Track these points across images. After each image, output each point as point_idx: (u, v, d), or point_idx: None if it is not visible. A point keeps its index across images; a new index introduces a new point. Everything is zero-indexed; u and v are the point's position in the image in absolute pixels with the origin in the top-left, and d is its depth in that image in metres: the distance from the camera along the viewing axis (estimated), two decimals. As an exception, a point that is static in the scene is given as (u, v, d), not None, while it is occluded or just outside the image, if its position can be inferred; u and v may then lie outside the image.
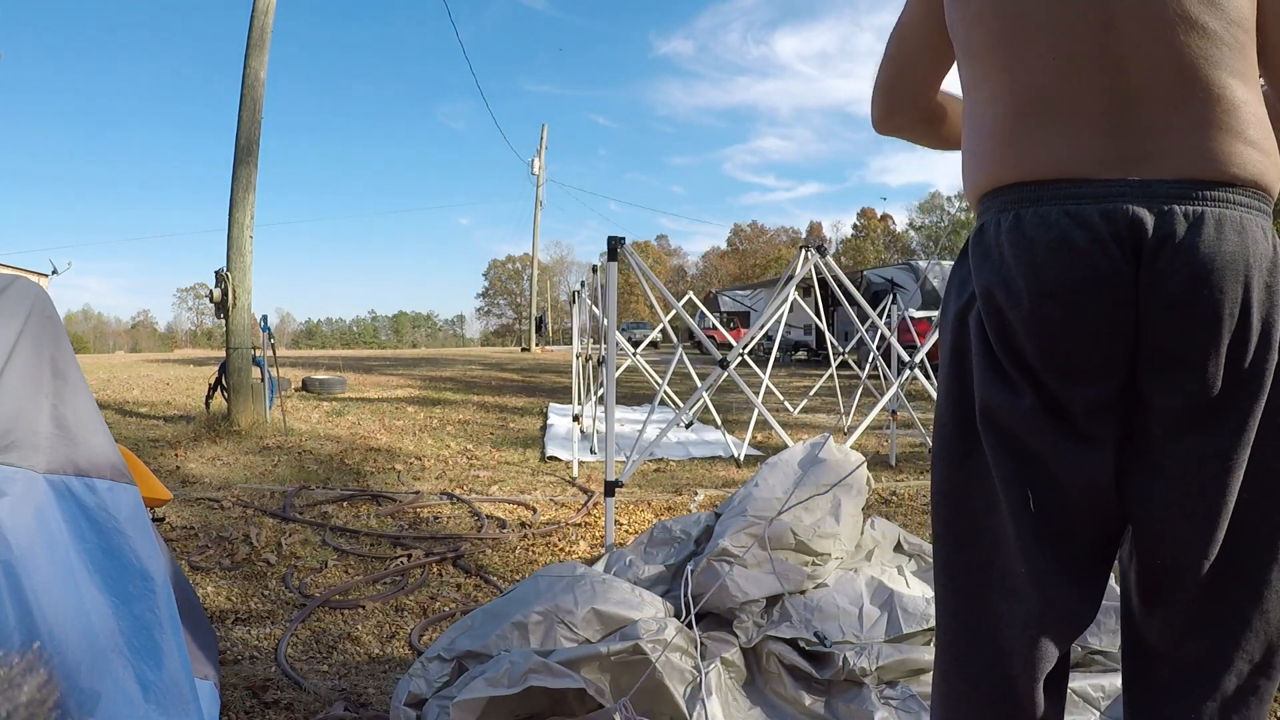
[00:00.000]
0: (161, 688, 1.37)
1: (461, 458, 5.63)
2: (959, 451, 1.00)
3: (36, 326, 1.38)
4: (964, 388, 1.00)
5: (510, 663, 1.62)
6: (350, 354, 29.28)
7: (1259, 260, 0.87)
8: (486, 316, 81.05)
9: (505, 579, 3.00)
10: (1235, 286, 0.86)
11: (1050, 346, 0.91)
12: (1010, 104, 0.96)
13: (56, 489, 1.35)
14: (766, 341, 11.77)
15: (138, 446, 5.57)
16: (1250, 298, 0.86)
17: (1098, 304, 0.89)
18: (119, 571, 1.39)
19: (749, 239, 72.64)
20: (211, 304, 6.72)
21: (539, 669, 1.61)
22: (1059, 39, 0.93)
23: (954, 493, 1.02)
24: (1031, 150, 0.94)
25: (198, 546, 3.29)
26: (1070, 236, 0.89)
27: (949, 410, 1.02)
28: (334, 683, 2.08)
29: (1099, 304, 0.89)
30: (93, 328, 72.11)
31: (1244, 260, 0.86)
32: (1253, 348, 0.87)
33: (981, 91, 1.01)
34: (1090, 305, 0.89)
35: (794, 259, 5.28)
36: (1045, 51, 0.94)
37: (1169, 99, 0.90)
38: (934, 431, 1.05)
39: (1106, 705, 1.77)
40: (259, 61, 6.87)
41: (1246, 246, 0.87)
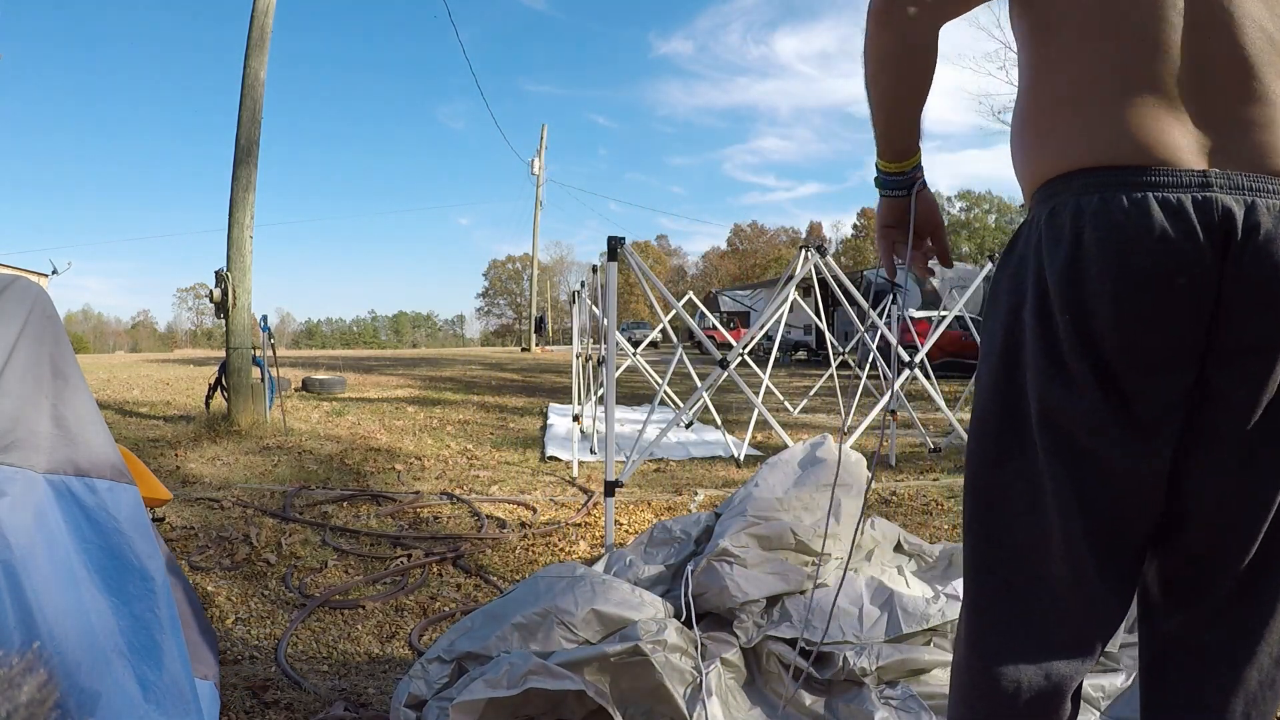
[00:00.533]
0: (161, 688, 1.37)
1: (461, 458, 5.63)
2: (1003, 451, 0.99)
3: (36, 326, 1.38)
4: (1015, 388, 0.97)
5: (510, 664, 1.62)
6: (350, 354, 29.28)
7: None
8: (486, 316, 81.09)
9: (505, 579, 3.00)
10: None
11: (1136, 339, 0.90)
12: (1099, 86, 0.94)
13: (56, 489, 1.35)
14: (766, 341, 11.77)
15: (138, 446, 5.57)
16: None
17: (1187, 295, 0.88)
18: (119, 571, 1.39)
19: (749, 239, 72.64)
20: (211, 304, 6.71)
21: (538, 670, 1.61)
22: (1152, 25, 0.92)
23: (993, 491, 1.00)
24: (1120, 134, 0.92)
25: (198, 546, 3.29)
26: (1163, 224, 0.88)
27: (994, 409, 1.00)
28: (334, 683, 2.08)
29: (1188, 294, 0.88)
30: (93, 328, 72.09)
31: None
32: None
33: (1063, 71, 0.97)
34: (1180, 296, 0.88)
35: (794, 259, 5.28)
36: (1138, 36, 0.92)
37: (1244, 94, 0.92)
38: (973, 429, 1.03)
39: (1106, 705, 1.77)
40: (259, 62, 6.87)
41: None
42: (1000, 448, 0.99)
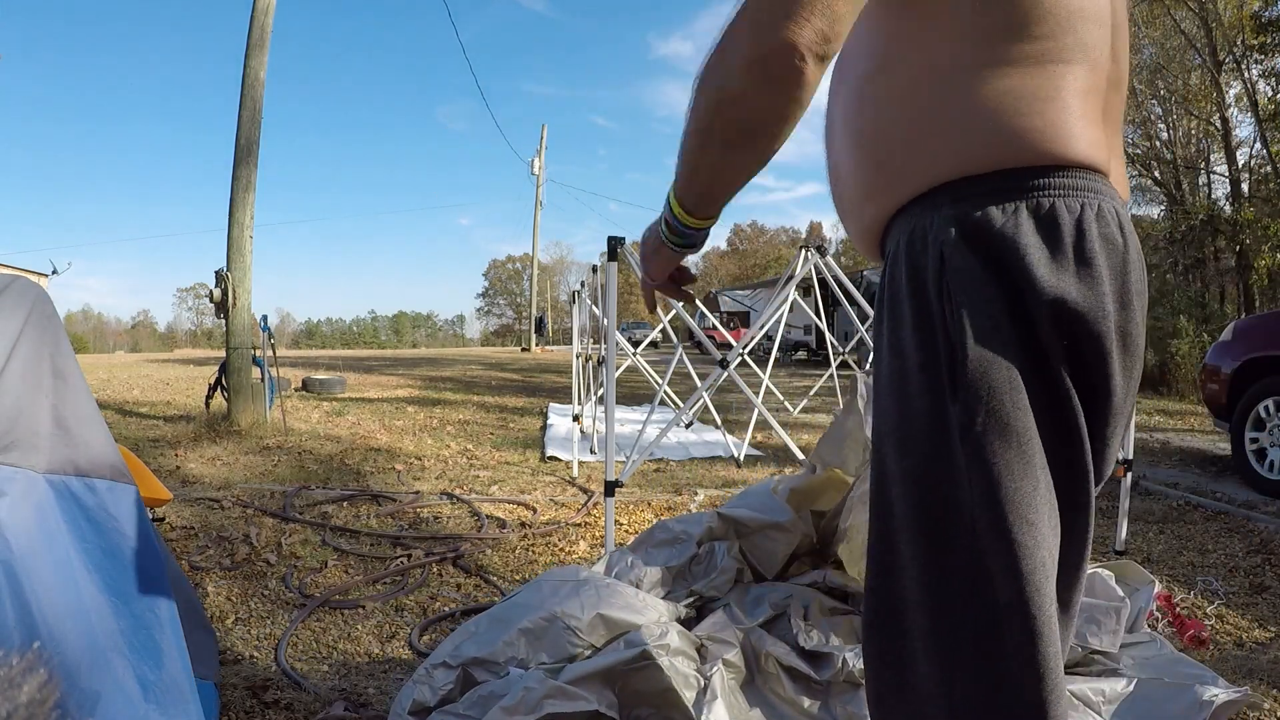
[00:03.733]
0: (161, 688, 1.37)
1: (461, 458, 5.63)
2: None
3: (36, 326, 1.38)
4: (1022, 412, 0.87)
5: (525, 689, 1.62)
6: (350, 354, 29.27)
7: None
8: (486, 316, 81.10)
9: (505, 579, 3.00)
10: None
11: (1132, 356, 0.91)
12: (1052, 80, 0.87)
13: (56, 489, 1.35)
14: (766, 341, 11.76)
15: (138, 446, 5.57)
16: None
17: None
18: (119, 571, 1.39)
19: (749, 239, 72.63)
20: (211, 304, 6.71)
21: (554, 694, 1.61)
22: (1096, 31, 0.91)
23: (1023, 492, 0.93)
24: (1083, 132, 0.88)
25: (198, 546, 3.28)
26: (1113, 235, 0.88)
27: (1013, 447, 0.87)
28: (334, 683, 2.08)
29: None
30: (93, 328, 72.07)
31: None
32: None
33: (1013, 51, 0.87)
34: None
35: (794, 259, 5.28)
36: (1084, 41, 0.90)
37: (1113, 124, 0.96)
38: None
39: (1109, 712, 1.77)
40: (259, 62, 6.87)
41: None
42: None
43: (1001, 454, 0.82)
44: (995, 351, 0.83)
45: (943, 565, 0.83)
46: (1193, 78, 18.58)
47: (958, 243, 0.85)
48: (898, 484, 0.87)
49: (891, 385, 0.89)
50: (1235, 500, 4.34)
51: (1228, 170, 18.08)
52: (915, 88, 0.91)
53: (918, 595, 0.85)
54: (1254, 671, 2.14)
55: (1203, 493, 4.54)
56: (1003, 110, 0.85)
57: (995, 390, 0.83)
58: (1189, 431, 7.56)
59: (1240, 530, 3.74)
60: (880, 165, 0.96)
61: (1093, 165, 0.86)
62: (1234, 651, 2.33)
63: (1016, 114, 0.85)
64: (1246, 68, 16.26)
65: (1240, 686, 1.85)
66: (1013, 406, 0.82)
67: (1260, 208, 16.24)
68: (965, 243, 0.85)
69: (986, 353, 0.83)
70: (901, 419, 0.87)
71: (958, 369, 0.84)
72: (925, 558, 0.84)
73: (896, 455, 0.88)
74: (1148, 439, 6.76)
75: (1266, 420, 4.72)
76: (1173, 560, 3.27)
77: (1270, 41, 14.66)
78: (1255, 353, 4.90)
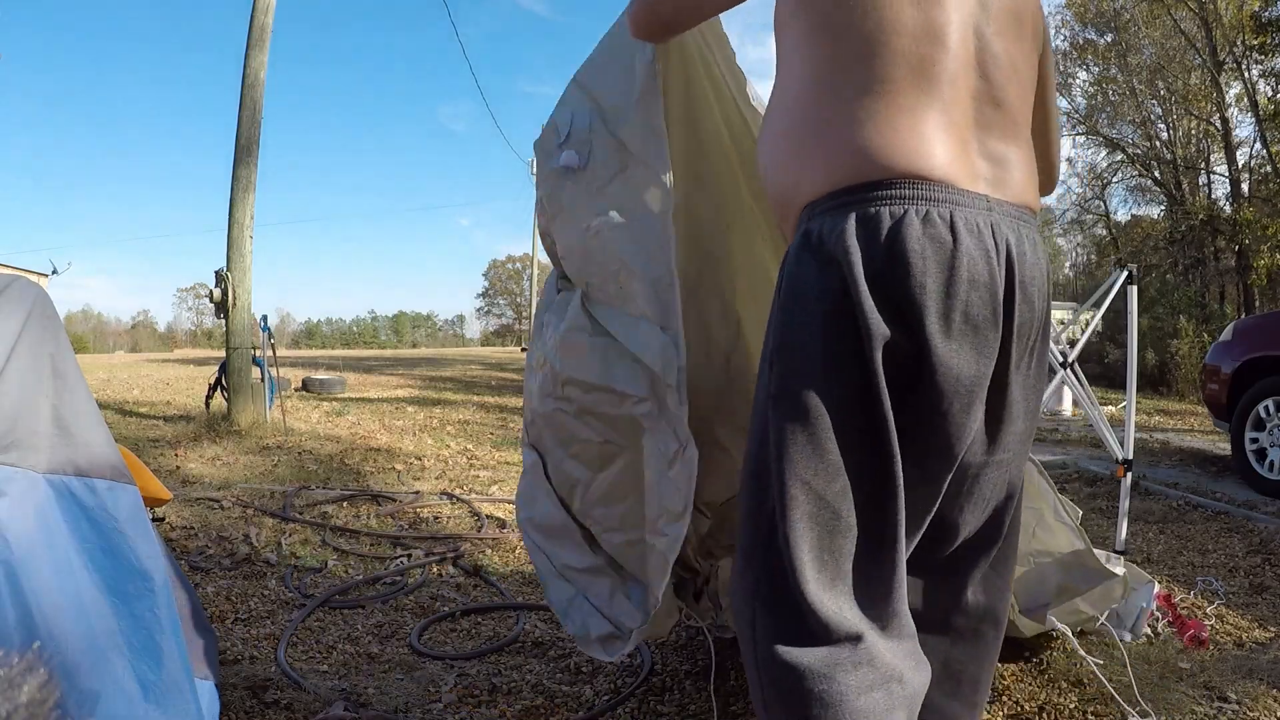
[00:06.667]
0: (161, 688, 1.37)
1: (461, 458, 5.63)
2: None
3: (36, 326, 1.38)
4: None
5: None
6: (350, 354, 29.28)
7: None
8: (486, 317, 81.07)
9: (505, 579, 3.00)
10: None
11: (977, 339, 1.07)
12: (901, 96, 1.02)
13: (56, 489, 1.35)
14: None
15: (138, 446, 5.57)
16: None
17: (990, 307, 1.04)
18: (119, 571, 1.38)
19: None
20: (211, 304, 6.71)
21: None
22: (942, 55, 1.03)
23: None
24: (917, 150, 1.01)
25: (198, 546, 3.28)
26: (968, 244, 1.01)
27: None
28: (334, 683, 2.08)
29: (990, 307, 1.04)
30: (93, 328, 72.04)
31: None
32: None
33: (849, 81, 1.04)
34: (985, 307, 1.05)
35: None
36: (924, 66, 1.02)
37: (1007, 134, 1.08)
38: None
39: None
40: (259, 61, 6.87)
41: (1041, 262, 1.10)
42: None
43: (790, 421, 1.01)
44: (802, 336, 1.02)
45: (752, 488, 1.09)
46: (1193, 78, 18.58)
47: (799, 252, 1.05)
48: (756, 415, 1.11)
49: (763, 356, 1.12)
50: (1235, 500, 4.34)
51: (1228, 170, 18.08)
52: (785, 115, 1.11)
53: (743, 500, 1.12)
54: (1254, 671, 2.14)
55: (1203, 493, 4.54)
56: (841, 137, 1.02)
57: (795, 369, 1.02)
58: (1189, 431, 7.57)
59: (1240, 530, 3.74)
60: (771, 190, 1.17)
61: (926, 176, 0.99)
62: (1234, 651, 2.33)
63: (851, 139, 1.01)
64: (1246, 68, 16.26)
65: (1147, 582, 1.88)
66: (808, 381, 1.01)
67: (1260, 208, 16.24)
68: (805, 250, 1.04)
69: (794, 336, 1.03)
70: (757, 381, 1.12)
71: (771, 346, 1.07)
72: (748, 477, 1.10)
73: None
74: (1148, 439, 6.76)
75: (1266, 420, 4.72)
76: (1173, 560, 3.28)
77: (1270, 41, 14.66)
78: (1255, 353, 4.90)
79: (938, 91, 1.01)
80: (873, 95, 1.01)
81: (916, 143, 0.99)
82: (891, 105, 1.00)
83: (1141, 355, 10.85)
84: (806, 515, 1.00)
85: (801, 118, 1.08)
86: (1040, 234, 1.13)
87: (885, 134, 1.00)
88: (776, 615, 1.02)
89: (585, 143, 1.55)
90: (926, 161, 0.99)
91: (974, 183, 1.02)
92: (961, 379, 1.00)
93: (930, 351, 0.98)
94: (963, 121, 1.04)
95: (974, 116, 1.05)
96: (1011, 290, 1.02)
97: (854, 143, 1.01)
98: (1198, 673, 2.13)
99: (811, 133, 1.06)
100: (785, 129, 1.10)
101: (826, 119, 1.04)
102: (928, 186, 0.98)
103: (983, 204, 1.01)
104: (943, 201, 0.98)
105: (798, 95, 1.09)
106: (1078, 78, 21.47)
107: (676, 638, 2.28)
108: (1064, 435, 7.15)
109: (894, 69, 1.01)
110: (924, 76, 1.01)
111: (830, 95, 1.04)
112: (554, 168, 1.60)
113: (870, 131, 1.00)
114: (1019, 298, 1.03)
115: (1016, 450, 1.14)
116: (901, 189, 0.98)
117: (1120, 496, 3.42)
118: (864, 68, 1.02)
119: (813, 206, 1.06)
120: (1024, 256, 1.04)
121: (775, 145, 1.12)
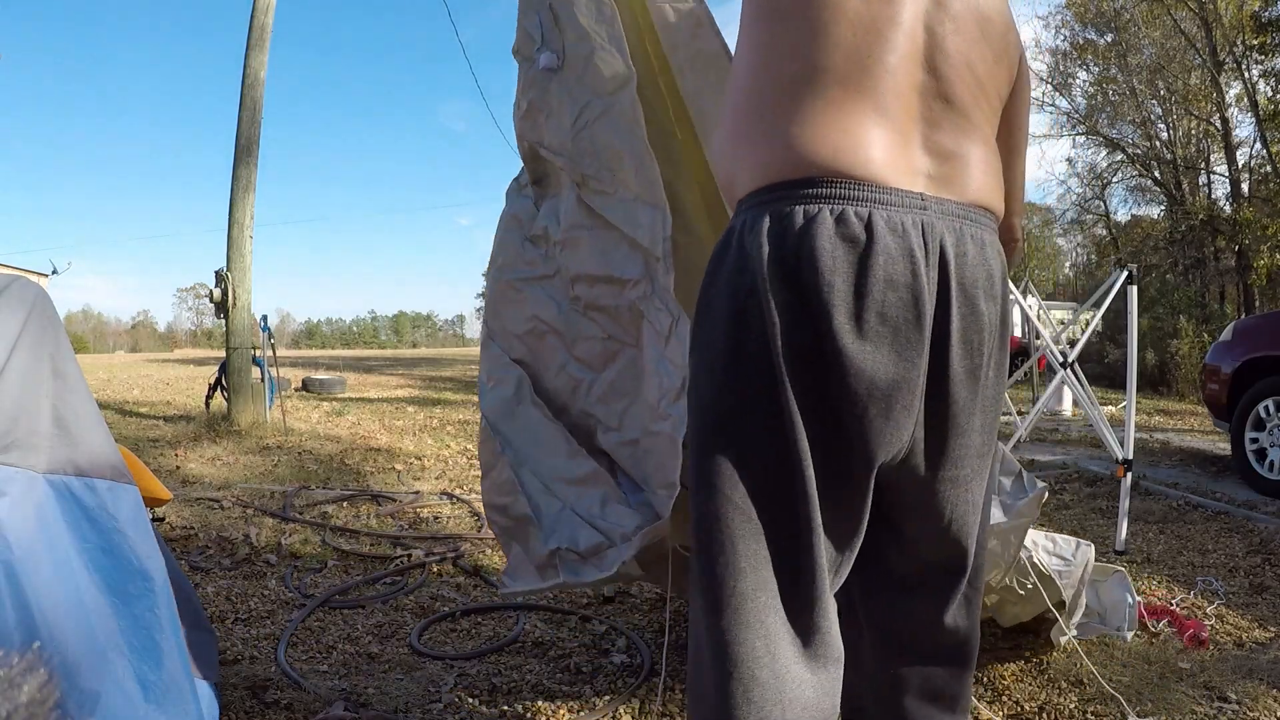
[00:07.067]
0: (162, 688, 1.37)
1: (461, 457, 5.63)
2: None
3: (36, 326, 1.38)
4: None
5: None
6: (350, 354, 29.29)
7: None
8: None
9: (505, 579, 3.00)
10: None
11: (897, 339, 1.06)
12: (829, 89, 1.00)
13: (57, 489, 1.35)
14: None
15: (138, 446, 5.57)
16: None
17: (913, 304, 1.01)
18: (119, 571, 1.39)
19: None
20: (211, 304, 6.71)
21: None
22: (893, 37, 1.01)
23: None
24: (839, 148, 1.00)
25: (198, 546, 3.29)
26: (887, 242, 0.98)
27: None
28: (334, 683, 2.08)
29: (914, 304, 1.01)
30: (93, 328, 72.09)
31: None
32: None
33: (775, 82, 1.03)
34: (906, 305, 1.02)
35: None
36: (863, 62, 1.00)
37: (956, 129, 1.05)
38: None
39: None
40: (259, 61, 6.87)
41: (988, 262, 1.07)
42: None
43: (699, 419, 1.06)
44: (713, 335, 1.03)
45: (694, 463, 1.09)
46: (1193, 78, 18.58)
47: (720, 250, 1.06)
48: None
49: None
50: (1235, 500, 4.34)
51: (1228, 170, 18.08)
52: (729, 106, 1.10)
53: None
54: (1254, 671, 2.14)
55: (1203, 493, 4.54)
56: (771, 132, 1.02)
57: (707, 366, 1.04)
58: (1189, 431, 7.57)
59: (1240, 530, 3.74)
60: (718, 184, 1.19)
61: (849, 174, 0.98)
62: (1234, 651, 2.33)
63: (779, 135, 1.01)
64: (1246, 68, 16.26)
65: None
66: (718, 379, 1.03)
67: (1260, 208, 16.24)
68: (725, 248, 1.05)
69: (705, 335, 1.05)
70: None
71: (690, 343, 1.11)
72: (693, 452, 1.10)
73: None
74: (1148, 439, 6.76)
75: (1266, 420, 4.72)
76: (1173, 560, 3.28)
77: (1270, 41, 14.66)
78: (1255, 353, 4.90)
79: (873, 83, 0.99)
80: (806, 86, 1.00)
81: (841, 138, 0.98)
82: (822, 98, 0.99)
83: (1141, 355, 10.85)
84: (717, 516, 1.01)
85: (741, 110, 1.06)
86: (993, 233, 1.09)
87: (812, 130, 0.99)
88: (703, 606, 1.04)
89: (558, 41, 1.62)
90: (850, 158, 0.97)
91: (909, 180, 1.00)
92: (877, 382, 0.97)
93: (840, 353, 0.96)
94: (903, 115, 1.01)
95: (919, 111, 1.03)
96: (947, 292, 0.99)
97: (781, 139, 1.00)
98: (1198, 673, 2.13)
99: (746, 127, 1.05)
100: (727, 121, 1.09)
101: (760, 113, 1.03)
102: (848, 185, 0.97)
103: (915, 202, 0.99)
104: (863, 200, 0.96)
105: (739, 85, 1.08)
106: (1078, 78, 21.50)
107: (677, 638, 2.28)
108: (1064, 435, 7.15)
109: (830, 58, 0.99)
110: (859, 67, 0.99)
111: (768, 86, 1.04)
112: (535, 72, 1.66)
113: (797, 128, 0.99)
114: (956, 300, 1.00)
115: (975, 467, 1.10)
116: (820, 187, 0.97)
117: (1120, 496, 3.42)
118: (801, 56, 1.01)
119: (743, 203, 1.06)
120: (964, 257, 1.01)
121: (720, 138, 1.11)
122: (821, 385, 0.98)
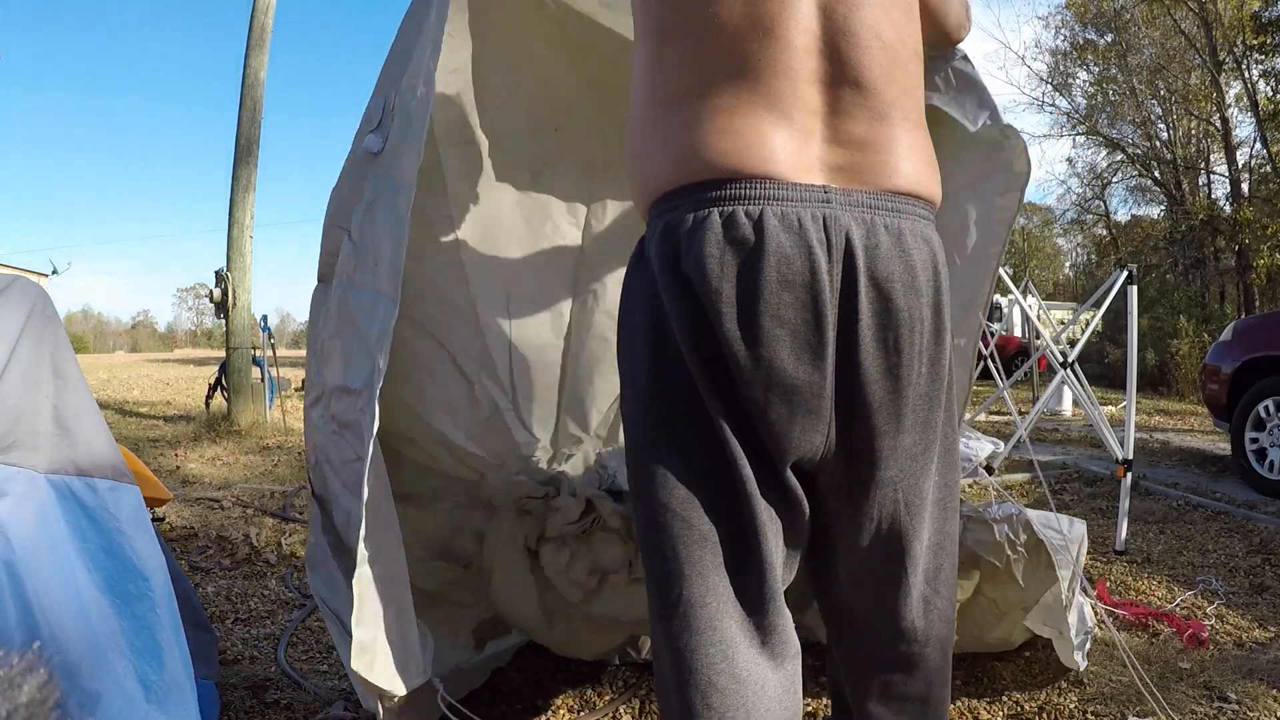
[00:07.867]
0: (162, 688, 1.37)
1: (461, 458, 5.62)
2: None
3: (36, 326, 1.38)
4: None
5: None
6: (350, 354, 29.21)
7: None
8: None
9: (505, 579, 3.00)
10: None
11: (792, 342, 1.05)
12: (714, 98, 0.99)
13: (57, 489, 1.35)
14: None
15: (138, 446, 5.57)
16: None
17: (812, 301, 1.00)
18: (119, 571, 1.39)
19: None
20: (211, 304, 6.72)
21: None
22: (783, 34, 0.98)
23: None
24: (727, 151, 0.98)
25: (198, 546, 3.29)
26: (779, 240, 0.96)
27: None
28: (334, 683, 2.08)
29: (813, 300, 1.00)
30: (93, 328, 72.12)
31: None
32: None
33: (688, 76, 1.02)
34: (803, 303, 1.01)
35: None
36: (753, 52, 0.98)
37: (865, 113, 1.01)
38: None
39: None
40: (259, 61, 6.87)
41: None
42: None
43: (633, 429, 1.05)
44: (633, 345, 1.05)
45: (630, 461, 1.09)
46: (1193, 78, 18.60)
47: (634, 260, 1.08)
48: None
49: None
50: (1235, 500, 4.34)
51: (1228, 170, 18.09)
52: (630, 119, 1.09)
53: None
54: (1254, 671, 2.14)
55: (1203, 493, 4.54)
56: (663, 143, 1.02)
57: (632, 376, 1.06)
58: (1189, 431, 7.57)
59: (1240, 530, 3.74)
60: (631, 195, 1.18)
61: (738, 174, 0.95)
62: (1234, 651, 2.33)
63: (670, 146, 1.01)
64: (1246, 68, 16.27)
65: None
66: (642, 388, 1.03)
67: (1260, 208, 16.26)
68: (636, 259, 1.07)
69: (626, 346, 1.07)
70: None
71: (617, 355, 1.11)
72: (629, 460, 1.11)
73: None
74: (1148, 439, 6.77)
75: (1266, 420, 4.72)
76: (1173, 560, 3.28)
77: (1270, 41, 14.67)
78: (1255, 353, 4.90)
79: (765, 85, 0.97)
80: (696, 97, 0.99)
81: (732, 142, 0.96)
82: (711, 106, 0.97)
83: (1141, 355, 10.85)
84: (659, 525, 1.00)
85: (640, 125, 1.06)
86: (921, 221, 1.02)
87: (703, 137, 0.97)
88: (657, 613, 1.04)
89: (388, 125, 1.45)
90: (740, 160, 0.95)
91: (808, 174, 0.97)
92: (775, 382, 0.95)
93: (735, 356, 0.94)
94: (801, 111, 0.98)
95: (824, 102, 0.99)
96: (854, 288, 0.95)
97: (674, 150, 0.99)
98: (1198, 673, 2.13)
99: (644, 143, 1.05)
100: (629, 137, 1.08)
101: (655, 126, 1.03)
102: (740, 185, 0.95)
103: (817, 195, 0.95)
104: (755, 199, 0.94)
105: (637, 100, 1.07)
106: (1078, 78, 21.52)
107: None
108: (1064, 435, 7.15)
109: (717, 68, 0.98)
110: (748, 71, 0.97)
111: (660, 100, 1.03)
112: (359, 156, 1.49)
113: (688, 137, 0.98)
114: (866, 296, 0.95)
115: (906, 468, 1.04)
116: (711, 190, 0.96)
117: (1120, 496, 3.42)
118: (688, 69, 1.00)
119: (648, 215, 1.06)
120: (875, 250, 0.96)
121: (626, 154, 1.10)
122: (730, 389, 0.97)
